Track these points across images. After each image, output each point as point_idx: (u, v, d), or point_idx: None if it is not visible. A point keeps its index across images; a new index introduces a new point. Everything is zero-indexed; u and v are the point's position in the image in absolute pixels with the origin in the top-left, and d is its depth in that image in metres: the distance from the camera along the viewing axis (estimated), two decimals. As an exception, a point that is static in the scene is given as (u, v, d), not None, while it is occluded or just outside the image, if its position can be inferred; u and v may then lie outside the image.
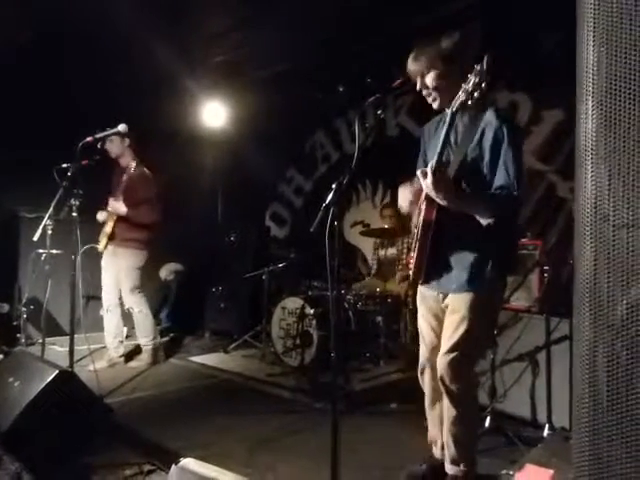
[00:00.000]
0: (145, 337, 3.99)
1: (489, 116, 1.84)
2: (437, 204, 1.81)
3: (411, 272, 1.98)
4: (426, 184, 1.72)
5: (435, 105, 1.95)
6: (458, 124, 1.91)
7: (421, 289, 2.07)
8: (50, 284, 3.03)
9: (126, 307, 3.94)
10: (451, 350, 1.87)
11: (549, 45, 3.73)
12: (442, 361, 1.90)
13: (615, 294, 0.77)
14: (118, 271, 3.88)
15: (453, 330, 1.88)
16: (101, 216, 3.87)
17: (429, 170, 1.71)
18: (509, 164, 1.78)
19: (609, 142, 0.79)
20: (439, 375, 1.92)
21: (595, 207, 0.81)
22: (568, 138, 3.71)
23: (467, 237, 1.86)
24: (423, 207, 1.88)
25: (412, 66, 1.91)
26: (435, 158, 1.77)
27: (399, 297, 4.15)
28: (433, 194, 1.74)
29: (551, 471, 1.56)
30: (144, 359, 3.99)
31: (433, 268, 1.92)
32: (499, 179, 1.80)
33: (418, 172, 1.77)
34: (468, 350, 1.87)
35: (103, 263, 3.92)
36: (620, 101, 0.79)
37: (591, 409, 0.78)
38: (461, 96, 1.76)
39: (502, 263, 1.89)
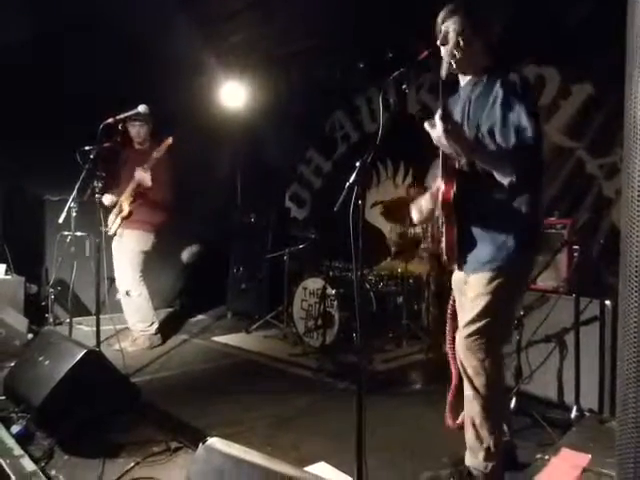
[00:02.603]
0: (143, 322, 3.90)
1: (498, 86, 1.78)
2: (455, 181, 1.76)
3: (445, 258, 1.93)
4: (436, 134, 1.64)
5: (446, 66, 1.86)
6: (472, 98, 1.87)
7: (454, 273, 2.05)
8: (75, 265, 3.07)
9: (125, 290, 3.84)
10: (466, 328, 1.84)
11: (578, 16, 3.55)
12: (458, 339, 1.88)
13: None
14: (124, 253, 3.84)
15: (470, 308, 1.85)
16: (107, 200, 3.72)
17: (437, 119, 1.61)
18: (522, 118, 1.68)
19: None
20: (457, 354, 1.90)
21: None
22: (598, 113, 3.55)
23: (488, 216, 1.81)
24: (442, 187, 1.83)
25: (444, 17, 1.84)
26: (441, 107, 1.65)
27: (421, 278, 4.11)
28: (445, 144, 1.65)
29: (588, 456, 1.51)
30: (140, 343, 3.88)
31: (461, 250, 1.88)
32: (512, 137, 1.70)
33: (426, 124, 1.67)
34: (484, 329, 1.80)
35: (114, 246, 3.87)
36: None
37: (638, 392, 0.74)
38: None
39: (524, 243, 1.82)
